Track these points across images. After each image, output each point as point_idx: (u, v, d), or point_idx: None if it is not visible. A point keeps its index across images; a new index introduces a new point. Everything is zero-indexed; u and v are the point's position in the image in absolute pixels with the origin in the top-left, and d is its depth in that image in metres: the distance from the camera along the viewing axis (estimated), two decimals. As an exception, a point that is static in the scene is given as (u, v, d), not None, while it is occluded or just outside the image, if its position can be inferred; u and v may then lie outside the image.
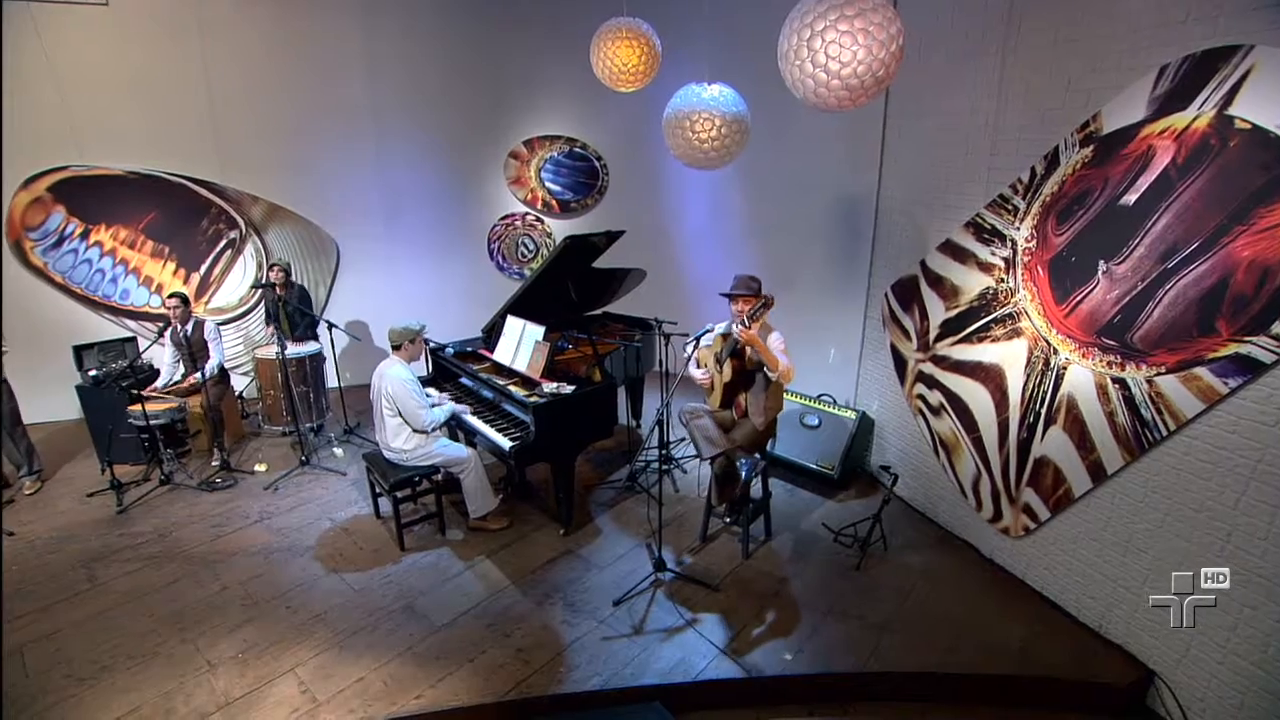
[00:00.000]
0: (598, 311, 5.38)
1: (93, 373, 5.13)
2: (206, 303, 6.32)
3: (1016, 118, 3.53)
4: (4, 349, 4.57)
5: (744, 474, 3.59)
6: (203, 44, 5.72)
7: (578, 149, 6.85)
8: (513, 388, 4.09)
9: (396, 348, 4.00)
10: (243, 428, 5.84)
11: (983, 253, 3.81)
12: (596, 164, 6.91)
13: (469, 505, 4.12)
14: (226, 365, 5.51)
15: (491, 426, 4.06)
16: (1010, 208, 3.59)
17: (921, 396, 4.39)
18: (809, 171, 5.35)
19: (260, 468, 5.13)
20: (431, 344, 4.85)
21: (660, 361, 4.89)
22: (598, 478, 4.98)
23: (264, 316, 6.29)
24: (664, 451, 5.02)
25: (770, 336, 3.66)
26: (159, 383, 5.27)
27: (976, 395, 3.93)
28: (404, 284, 6.79)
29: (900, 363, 4.59)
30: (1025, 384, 3.59)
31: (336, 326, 5.43)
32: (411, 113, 6.46)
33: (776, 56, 2.87)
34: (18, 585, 3.76)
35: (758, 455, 3.76)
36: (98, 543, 4.18)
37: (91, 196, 5.77)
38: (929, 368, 4.30)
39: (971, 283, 3.90)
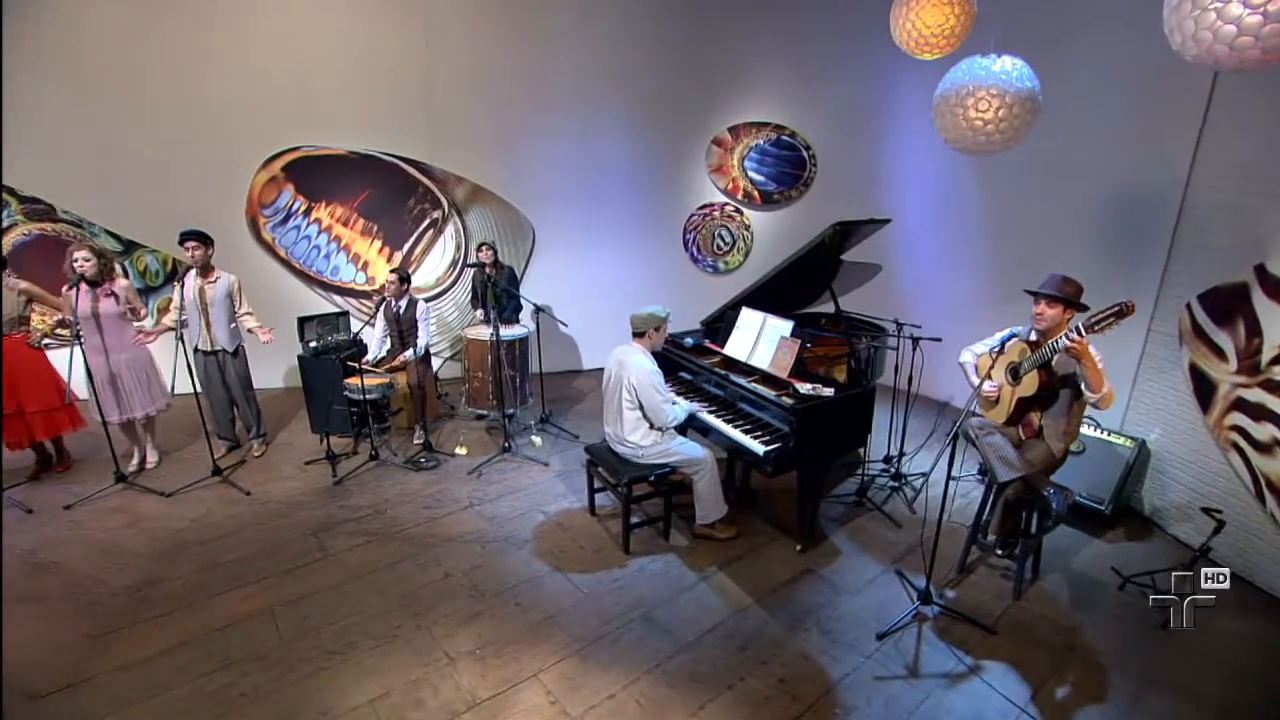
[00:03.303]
0: (831, 309, 4.89)
1: (313, 344, 5.28)
2: (406, 282, 6.43)
3: None
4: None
5: (1055, 507, 3.03)
6: (427, 17, 5.77)
7: (785, 137, 6.42)
8: (757, 385, 3.71)
9: (639, 334, 3.69)
10: (438, 408, 5.85)
11: (1370, 255, 3.04)
12: (805, 154, 6.45)
13: (699, 510, 3.80)
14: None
15: (732, 427, 3.71)
16: None
17: (1240, 429, 3.62)
18: (1075, 158, 4.63)
19: (461, 450, 5.07)
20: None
21: (899, 368, 4.34)
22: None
23: (470, 298, 6.30)
24: (896, 467, 4.50)
25: None
26: (368, 357, 5.34)
27: (1339, 432, 3.16)
28: (595, 270, 6.64)
29: (1205, 386, 3.83)
30: None
31: (544, 310, 5.30)
32: (618, 94, 6.29)
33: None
34: (261, 545, 3.86)
35: (1067, 487, 3.18)
36: (321, 512, 4.23)
37: (316, 175, 6.00)
38: (1258, 395, 3.52)
39: (1345, 292, 3.14)
